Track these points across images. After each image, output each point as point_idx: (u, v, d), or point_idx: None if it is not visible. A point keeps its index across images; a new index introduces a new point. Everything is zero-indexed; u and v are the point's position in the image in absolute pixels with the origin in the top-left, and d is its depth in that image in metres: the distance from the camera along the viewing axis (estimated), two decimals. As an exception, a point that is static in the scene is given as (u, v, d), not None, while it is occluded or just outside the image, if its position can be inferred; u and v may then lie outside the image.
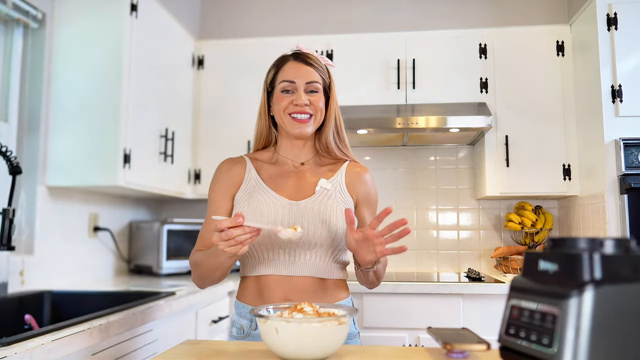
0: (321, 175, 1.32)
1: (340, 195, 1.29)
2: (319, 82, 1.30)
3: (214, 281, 1.25)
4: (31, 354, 1.07)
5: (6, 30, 2.08)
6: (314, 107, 1.28)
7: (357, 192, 1.33)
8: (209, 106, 2.87)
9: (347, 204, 1.28)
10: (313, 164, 1.35)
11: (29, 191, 2.08)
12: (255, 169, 1.33)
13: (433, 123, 2.47)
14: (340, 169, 1.34)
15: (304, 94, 1.27)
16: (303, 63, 1.31)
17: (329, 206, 1.25)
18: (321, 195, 1.27)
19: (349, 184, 1.33)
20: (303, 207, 1.24)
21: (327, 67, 1.37)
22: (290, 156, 1.35)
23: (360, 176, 1.35)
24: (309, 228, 1.22)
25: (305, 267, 1.24)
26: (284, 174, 1.32)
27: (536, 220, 2.70)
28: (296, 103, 1.27)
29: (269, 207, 1.24)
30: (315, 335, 0.85)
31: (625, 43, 2.27)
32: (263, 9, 3.00)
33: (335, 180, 1.31)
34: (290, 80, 1.29)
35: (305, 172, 1.33)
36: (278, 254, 1.24)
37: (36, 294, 1.89)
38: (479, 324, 2.16)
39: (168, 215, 3.11)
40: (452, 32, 2.76)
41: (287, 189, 1.29)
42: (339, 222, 1.23)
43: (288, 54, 1.36)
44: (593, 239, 0.65)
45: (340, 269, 1.30)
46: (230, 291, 2.34)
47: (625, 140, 2.19)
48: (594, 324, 0.59)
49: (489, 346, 0.87)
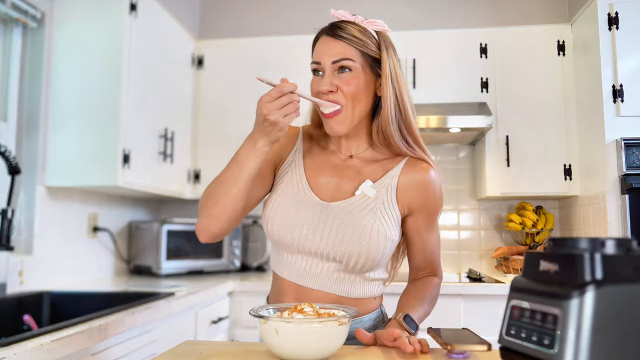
0: (370, 175, 1.09)
1: (382, 206, 1.06)
2: (352, 58, 1.04)
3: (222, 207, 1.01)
4: (30, 354, 1.07)
5: (5, 29, 2.08)
6: (342, 94, 1.03)
7: (411, 198, 1.09)
8: (208, 106, 2.86)
9: (388, 221, 1.05)
10: (363, 159, 1.12)
11: (28, 191, 2.07)
12: (302, 151, 1.14)
13: (433, 123, 2.47)
14: (395, 169, 1.09)
15: (330, 77, 1.04)
16: (332, 37, 1.06)
17: (362, 217, 1.04)
18: (359, 201, 1.06)
19: (402, 188, 1.08)
20: (333, 210, 1.06)
21: (379, 34, 1.09)
22: (338, 146, 1.14)
23: (421, 178, 1.09)
24: (333, 238, 1.03)
25: (319, 280, 1.06)
26: (327, 165, 1.12)
27: (537, 220, 2.70)
28: (319, 90, 1.05)
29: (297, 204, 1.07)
30: (315, 336, 0.85)
31: (626, 43, 2.26)
32: (263, 9, 2.99)
33: (384, 184, 1.08)
34: (317, 62, 1.07)
35: (351, 167, 1.11)
36: (294, 258, 1.08)
37: (35, 295, 1.89)
38: (480, 324, 2.16)
39: (168, 216, 3.11)
40: (453, 32, 2.76)
41: (324, 185, 1.09)
42: (371, 239, 1.02)
43: (326, 26, 1.11)
44: (594, 239, 0.65)
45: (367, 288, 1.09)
46: (230, 291, 2.34)
47: (626, 140, 2.18)
48: (595, 325, 0.59)
49: (490, 347, 0.87)
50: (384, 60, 1.06)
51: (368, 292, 1.10)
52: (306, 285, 1.07)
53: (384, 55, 1.07)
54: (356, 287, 1.08)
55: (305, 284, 1.07)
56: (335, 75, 1.04)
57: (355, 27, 1.07)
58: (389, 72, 1.06)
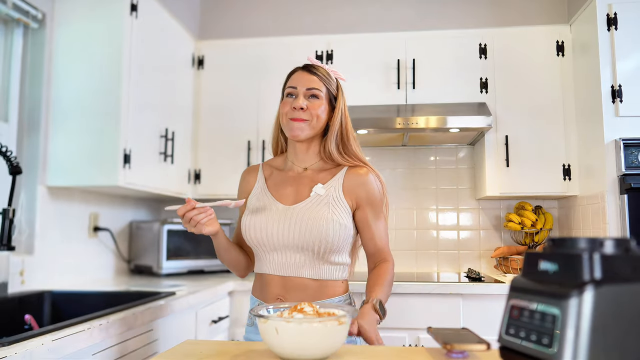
0: (320, 180, 1.38)
1: (333, 201, 1.34)
2: (320, 89, 1.37)
3: (229, 265, 1.44)
4: (31, 354, 1.07)
5: (6, 30, 2.08)
6: (310, 112, 1.35)
7: (356, 194, 1.37)
8: (209, 106, 2.87)
9: (339, 211, 1.33)
10: (315, 169, 1.41)
11: (29, 191, 2.08)
12: (264, 177, 1.45)
13: (433, 123, 2.47)
14: (339, 173, 1.39)
15: (302, 99, 1.36)
16: (307, 72, 1.40)
17: (318, 211, 1.31)
18: (314, 200, 1.34)
19: (347, 187, 1.36)
20: (296, 211, 1.32)
21: (337, 80, 1.44)
22: (296, 161, 1.43)
23: (360, 178, 1.37)
24: (298, 231, 1.30)
25: (298, 269, 1.32)
26: (287, 180, 1.41)
27: (536, 220, 2.70)
28: (294, 106, 1.35)
29: (266, 212, 1.35)
30: (315, 335, 0.85)
31: (625, 43, 2.27)
32: (263, 9, 3.00)
33: (331, 185, 1.37)
34: (293, 86, 1.38)
35: (306, 177, 1.40)
36: (273, 256, 1.34)
37: (36, 294, 1.89)
38: (479, 324, 2.16)
39: (168, 216, 3.11)
40: (452, 32, 2.76)
41: (287, 195, 1.38)
42: (328, 227, 1.29)
43: (300, 66, 1.45)
44: (593, 239, 0.65)
45: (336, 270, 1.35)
46: (230, 291, 2.35)
47: (625, 140, 2.19)
48: (594, 324, 0.59)
49: (489, 346, 0.87)
50: (340, 98, 1.42)
51: (335, 274, 1.36)
52: (287, 275, 1.33)
53: (340, 95, 1.43)
54: (325, 271, 1.33)
55: (286, 273, 1.33)
56: (307, 99, 1.37)
57: (324, 70, 1.41)
58: (341, 107, 1.41)
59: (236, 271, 1.46)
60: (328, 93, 1.39)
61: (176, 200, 3.04)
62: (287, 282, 1.33)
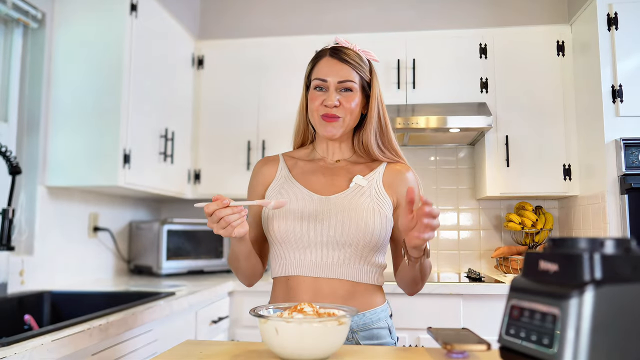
0: (357, 172, 1.25)
1: (375, 194, 1.21)
2: (354, 80, 1.22)
3: (244, 274, 1.25)
4: (31, 354, 1.07)
5: (6, 30, 2.08)
6: (343, 108, 1.20)
7: (397, 192, 1.24)
8: (208, 106, 2.87)
9: (383, 204, 1.20)
10: (350, 161, 1.29)
11: (29, 191, 2.08)
12: (288, 167, 1.28)
13: (433, 123, 2.47)
14: (379, 167, 1.27)
15: (334, 94, 1.20)
16: (338, 60, 1.22)
17: (361, 203, 1.17)
18: (354, 191, 1.20)
19: (388, 183, 1.24)
20: (333, 202, 1.18)
21: (370, 61, 1.28)
22: (327, 154, 1.29)
23: (402, 174, 1.26)
24: (337, 225, 1.16)
25: (335, 269, 1.17)
26: (317, 170, 1.27)
27: (536, 220, 2.70)
28: (326, 104, 1.20)
29: (298, 202, 1.19)
30: (315, 336, 0.85)
31: (625, 43, 2.27)
32: (263, 9, 3.00)
33: (372, 177, 1.24)
34: (322, 79, 1.22)
35: (341, 168, 1.27)
36: (305, 254, 1.18)
37: (36, 294, 1.89)
38: (479, 324, 2.16)
39: (168, 216, 3.11)
40: (452, 32, 2.76)
41: (319, 184, 1.23)
42: (374, 220, 1.16)
43: (327, 47, 1.27)
44: (593, 239, 0.65)
45: (375, 273, 1.22)
46: (230, 291, 2.34)
47: (626, 140, 2.19)
48: (594, 324, 0.59)
49: (489, 346, 0.87)
50: (374, 85, 1.26)
51: (374, 278, 1.21)
52: (323, 276, 1.16)
53: (375, 80, 1.26)
54: (365, 273, 1.19)
55: (322, 274, 1.16)
56: (339, 92, 1.21)
57: (354, 53, 1.24)
58: (377, 94, 1.26)
59: (250, 279, 1.28)
60: (361, 81, 1.23)
61: (177, 200, 3.04)
62: (320, 285, 1.16)
